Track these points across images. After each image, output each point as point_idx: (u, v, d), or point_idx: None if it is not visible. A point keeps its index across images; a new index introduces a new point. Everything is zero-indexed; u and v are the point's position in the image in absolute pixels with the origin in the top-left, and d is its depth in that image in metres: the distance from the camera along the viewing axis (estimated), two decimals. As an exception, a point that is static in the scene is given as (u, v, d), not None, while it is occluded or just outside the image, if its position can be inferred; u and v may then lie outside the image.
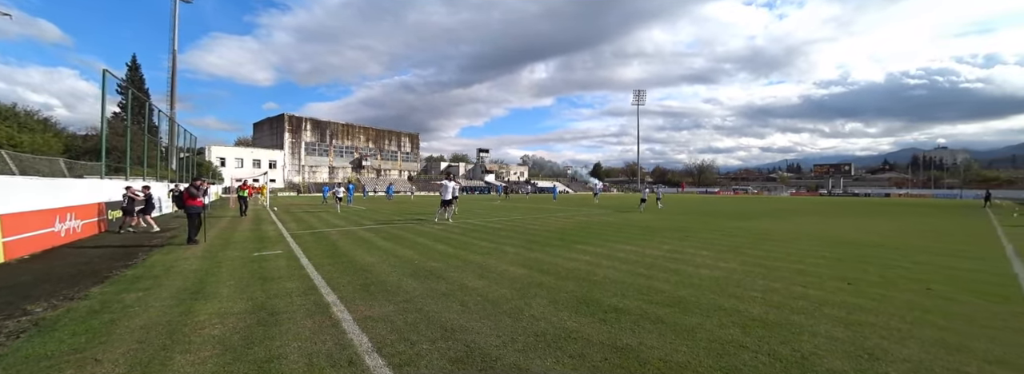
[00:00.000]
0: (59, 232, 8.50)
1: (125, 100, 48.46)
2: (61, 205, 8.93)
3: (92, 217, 10.11)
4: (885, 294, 4.34)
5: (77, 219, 9.34)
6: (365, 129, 67.02)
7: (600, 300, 4.10)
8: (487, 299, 4.16)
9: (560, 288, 4.58)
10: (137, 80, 48.42)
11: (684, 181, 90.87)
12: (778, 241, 8.55)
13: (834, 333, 3.20)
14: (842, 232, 10.42)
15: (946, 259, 6.47)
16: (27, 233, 7.26)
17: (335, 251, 7.28)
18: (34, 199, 8.71)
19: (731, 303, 3.98)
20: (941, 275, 5.29)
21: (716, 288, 4.57)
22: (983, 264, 6.09)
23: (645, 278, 5.06)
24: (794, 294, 4.33)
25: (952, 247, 7.84)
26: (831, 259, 6.41)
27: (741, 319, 3.52)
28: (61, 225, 8.63)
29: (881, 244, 8.17)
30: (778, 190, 73.29)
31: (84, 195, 10.75)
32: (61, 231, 8.56)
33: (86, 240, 9.13)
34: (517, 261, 6.23)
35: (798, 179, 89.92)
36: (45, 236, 7.90)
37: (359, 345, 3.01)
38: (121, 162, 23.15)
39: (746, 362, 2.67)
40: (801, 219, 14.86)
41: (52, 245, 8.00)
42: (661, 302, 4.03)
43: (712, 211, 19.61)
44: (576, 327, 3.33)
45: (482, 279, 5.04)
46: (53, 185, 9.98)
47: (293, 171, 56.94)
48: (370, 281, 4.95)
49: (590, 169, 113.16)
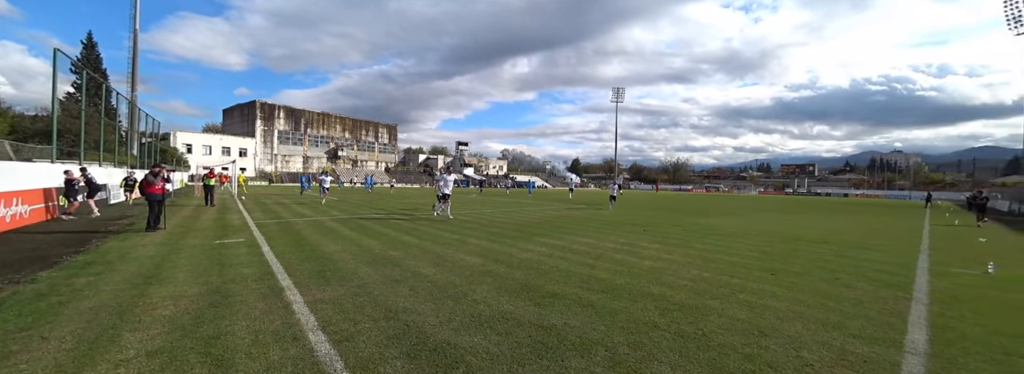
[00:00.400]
0: (3, 217, 8.21)
1: (80, 80, 45.75)
2: (5, 190, 8.60)
3: (40, 203, 9.76)
4: (798, 283, 4.85)
5: (24, 204, 9.02)
6: (341, 119, 65.53)
7: (541, 287, 4.42)
8: (436, 285, 4.42)
9: (508, 276, 4.88)
10: (93, 59, 45.69)
11: (659, 179, 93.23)
12: (727, 236, 9.14)
13: (739, 315, 3.61)
14: (790, 229, 11.17)
15: (867, 253, 7.14)
16: (-32, 218, 7.01)
17: (299, 240, 7.36)
18: (-24, 183, 8.36)
19: (660, 290, 4.38)
20: (855, 266, 5.89)
21: (652, 277, 4.97)
22: (895, 257, 6.77)
23: (590, 268, 5.43)
24: (720, 282, 4.78)
25: (878, 242, 8.61)
26: (767, 253, 6.97)
27: (663, 304, 3.90)
28: (6, 210, 8.33)
29: (820, 240, 8.86)
30: (747, 189, 76.37)
31: (32, 180, 10.31)
32: (6, 216, 8.28)
33: (35, 226, 8.84)
34: (475, 251, 6.50)
35: (767, 178, 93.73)
36: (-11, 221, 7.64)
37: (305, 324, 3.22)
38: (75, 146, 22.00)
39: (652, 338, 3.03)
40: (758, 216, 15.74)
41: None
42: (597, 289, 4.38)
43: (678, 208, 20.44)
44: (511, 310, 3.64)
45: (436, 267, 5.29)
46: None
47: (265, 160, 55.26)
48: (327, 268, 5.12)
49: (569, 165, 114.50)
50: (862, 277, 5.21)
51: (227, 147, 50.80)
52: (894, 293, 4.46)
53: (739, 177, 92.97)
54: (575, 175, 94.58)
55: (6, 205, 8.36)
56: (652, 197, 37.18)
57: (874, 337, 3.15)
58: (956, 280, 5.22)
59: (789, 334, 3.17)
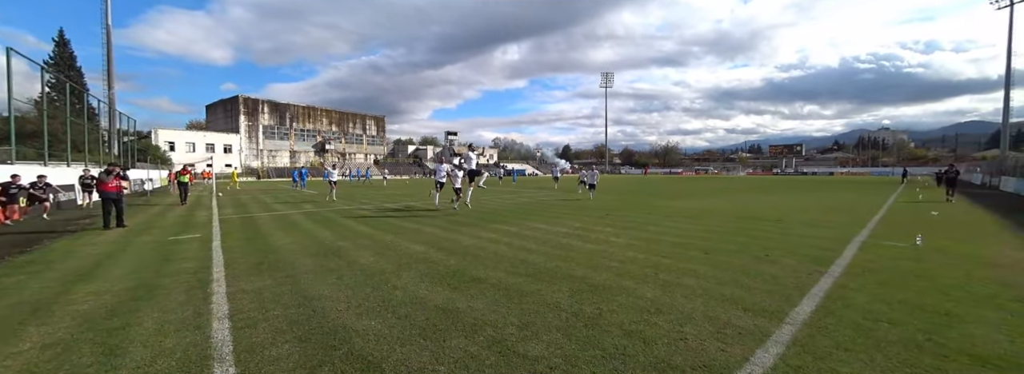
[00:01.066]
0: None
1: (53, 79, 44.61)
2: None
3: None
4: (726, 261, 4.99)
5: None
6: (328, 112, 64.70)
7: (468, 272, 4.52)
8: (365, 273, 4.50)
9: (442, 263, 4.98)
10: (66, 57, 44.54)
11: (650, 163, 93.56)
12: (686, 218, 9.30)
13: (648, 294, 3.74)
14: (754, 208, 11.37)
15: (814, 230, 7.32)
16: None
17: (255, 234, 7.41)
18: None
19: (584, 273, 4.50)
20: (794, 243, 6.05)
21: (585, 260, 5.09)
22: (838, 233, 6.95)
23: (528, 252, 5.54)
24: (649, 263, 4.91)
25: (831, 219, 8.80)
26: (716, 232, 7.12)
27: (580, 286, 4.02)
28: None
29: (776, 219, 9.04)
30: (736, 170, 76.97)
31: None
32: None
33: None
34: (425, 240, 6.59)
35: (756, 159, 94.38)
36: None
37: (215, 313, 3.30)
38: (52, 147, 21.50)
39: (546, 319, 3.14)
40: (731, 197, 15.96)
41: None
42: (522, 273, 4.49)
43: (656, 191, 20.61)
44: (424, 295, 3.74)
45: (377, 256, 5.38)
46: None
47: (251, 156, 54.70)
48: (268, 260, 5.19)
49: (559, 151, 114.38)
50: (793, 253, 5.36)
51: (211, 144, 50.16)
52: (813, 267, 4.62)
53: (729, 159, 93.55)
54: (565, 161, 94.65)
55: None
56: (637, 181, 37.40)
57: (765, 310, 3.28)
58: (881, 253, 5.39)
59: (684, 311, 3.29)
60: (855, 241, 6.23)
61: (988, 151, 59.52)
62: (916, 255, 5.26)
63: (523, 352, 2.58)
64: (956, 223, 8.42)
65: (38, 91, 31.58)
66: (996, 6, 34.58)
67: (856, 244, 6.00)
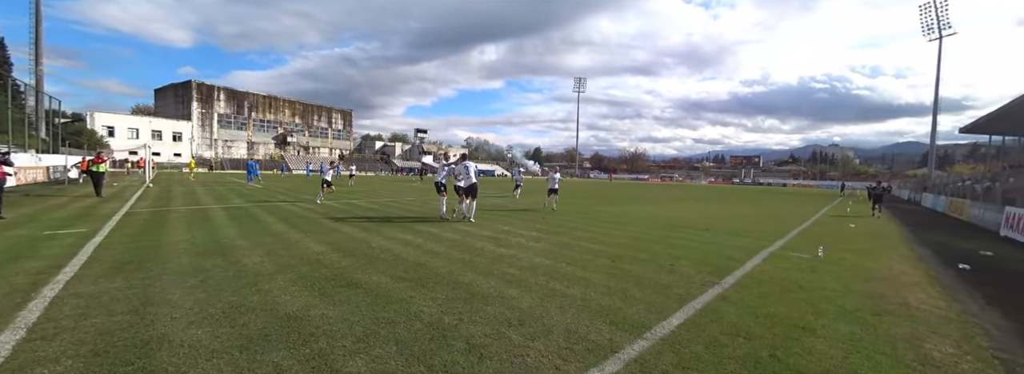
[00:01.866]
0: None
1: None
2: None
3: None
4: (627, 270, 4.94)
5: None
6: (291, 103, 62.05)
7: (350, 275, 4.24)
8: (237, 275, 4.13)
9: (331, 265, 4.66)
10: (-9, 28, 40.35)
11: (618, 168, 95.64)
12: (618, 223, 9.35)
13: (523, 304, 3.58)
14: (691, 216, 11.63)
15: (733, 239, 7.49)
16: None
17: (151, 230, 6.78)
18: None
19: (473, 279, 4.31)
20: (705, 252, 6.12)
21: (485, 266, 4.91)
22: (754, 242, 7.13)
23: (431, 256, 5.31)
24: (548, 270, 4.78)
25: (756, 229, 9.08)
26: (637, 240, 7.14)
27: (459, 293, 3.82)
28: None
29: (704, 227, 9.24)
30: (699, 178, 79.98)
31: None
32: None
33: None
34: (331, 240, 6.22)
35: (718, 169, 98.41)
36: None
37: (16, 322, 2.85)
38: None
39: (394, 330, 2.91)
40: (678, 204, 16.36)
41: None
42: (409, 278, 4.25)
43: (608, 196, 20.91)
44: (283, 301, 3.42)
45: (266, 256, 4.99)
46: None
47: (204, 145, 51.56)
48: (138, 259, 4.69)
49: (530, 153, 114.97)
50: (699, 263, 5.40)
51: (158, 131, 46.86)
52: (708, 278, 4.63)
53: (693, 168, 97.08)
54: (534, 162, 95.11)
55: None
56: (599, 185, 37.98)
57: (631, 323, 3.19)
58: (781, 264, 5.53)
59: (548, 323, 3.15)
60: (765, 252, 6.40)
61: (919, 169, 64.76)
62: (812, 266, 5.42)
63: (338, 368, 2.34)
64: (866, 236, 8.90)
65: None
66: (928, 38, 37.60)
67: (765, 254, 6.15)
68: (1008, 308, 4.04)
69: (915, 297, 4.21)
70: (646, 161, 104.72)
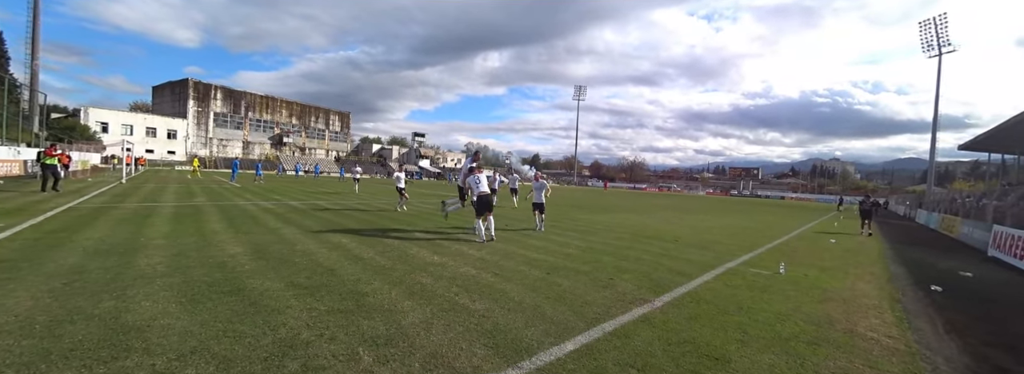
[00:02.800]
0: None
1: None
2: None
3: None
4: (557, 283, 4.50)
5: None
6: (289, 103, 62.11)
7: (239, 281, 3.82)
8: (114, 279, 3.71)
9: (231, 268, 4.25)
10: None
11: (617, 177, 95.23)
12: (582, 233, 8.91)
13: (408, 319, 3.15)
14: (666, 226, 11.17)
15: (697, 252, 7.02)
16: None
17: (74, 227, 6.39)
18: None
19: (377, 288, 3.89)
20: (656, 266, 5.67)
21: (400, 275, 4.49)
22: (716, 256, 6.66)
23: (351, 261, 4.90)
24: (467, 281, 4.36)
25: (728, 242, 8.61)
26: (590, 250, 6.70)
27: (346, 304, 3.40)
28: None
29: (675, 238, 8.78)
30: (697, 189, 79.41)
31: None
32: None
33: None
34: (256, 242, 5.81)
35: (718, 180, 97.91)
36: None
37: None
38: None
39: (233, 346, 2.48)
40: (660, 214, 15.89)
41: None
42: (304, 285, 3.84)
43: (593, 204, 20.48)
44: (139, 308, 3.02)
45: (171, 258, 4.58)
46: None
47: (199, 143, 51.45)
48: (17, 258, 4.29)
49: (528, 160, 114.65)
50: (643, 278, 4.96)
51: (152, 128, 46.79)
52: (642, 295, 4.20)
53: (692, 178, 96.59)
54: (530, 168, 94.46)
55: None
56: (590, 194, 37.49)
57: (516, 346, 2.76)
58: (735, 280, 5.08)
59: (418, 343, 2.72)
60: (724, 266, 5.94)
61: (919, 186, 64.16)
62: (766, 284, 4.97)
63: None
64: (841, 252, 8.43)
65: None
66: (928, 55, 37.39)
67: (722, 269, 5.71)
68: (969, 338, 3.60)
69: (866, 323, 3.76)
70: (645, 171, 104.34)
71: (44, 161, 12.12)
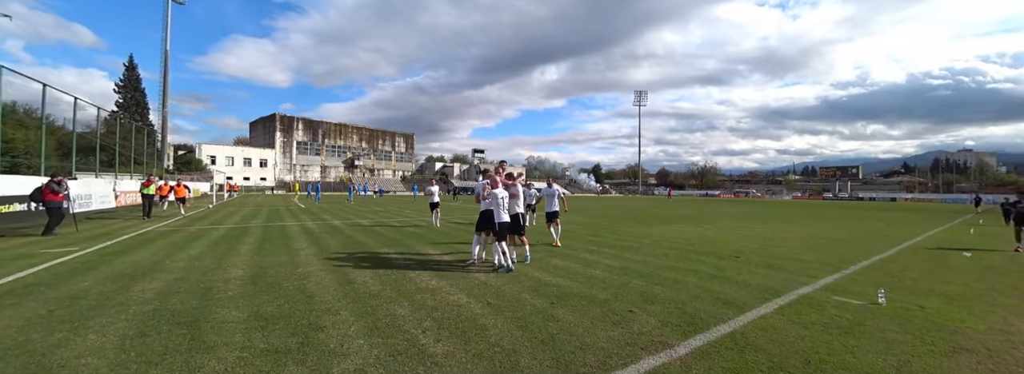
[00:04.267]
0: None
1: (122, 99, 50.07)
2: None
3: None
4: (560, 317, 3.68)
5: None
6: (358, 129, 67.67)
7: (207, 310, 3.58)
8: (94, 306, 3.69)
9: (217, 294, 4.08)
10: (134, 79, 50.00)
11: (686, 184, 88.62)
12: (623, 249, 7.78)
13: (339, 367, 2.60)
14: (730, 239, 9.50)
15: (761, 272, 5.63)
16: None
17: (130, 249, 6.95)
18: None
19: (341, 320, 3.41)
20: (701, 291, 4.52)
21: (380, 303, 3.99)
22: (786, 279, 5.23)
23: (339, 286, 4.53)
24: (447, 314, 3.72)
25: (807, 257, 6.90)
26: (619, 272, 5.68)
27: (291, 341, 2.95)
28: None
29: (737, 253, 7.29)
30: (780, 194, 70.59)
31: None
32: None
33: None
34: (264, 265, 5.75)
35: (806, 182, 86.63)
36: None
37: None
38: (114, 160, 24.05)
39: None
40: (724, 223, 13.84)
41: None
42: (267, 316, 3.48)
43: (648, 214, 18.63)
44: (88, 341, 2.89)
45: (173, 282, 4.58)
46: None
47: (285, 170, 57.81)
48: (45, 282, 4.56)
49: (589, 170, 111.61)
50: (676, 310, 3.91)
51: (248, 158, 53.64)
52: (663, 337, 3.21)
53: (774, 181, 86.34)
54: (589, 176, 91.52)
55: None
56: (647, 202, 34.71)
57: None
58: (807, 315, 3.80)
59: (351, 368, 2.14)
60: (795, 293, 4.59)
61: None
62: (855, 323, 3.63)
63: None
64: (983, 272, 6.28)
65: (106, 114, 34.83)
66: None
67: (790, 298, 4.39)
68: None
69: (1028, 394, 2.41)
70: (718, 176, 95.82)
71: (143, 191, 13.89)
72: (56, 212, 9.31)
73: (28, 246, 7.34)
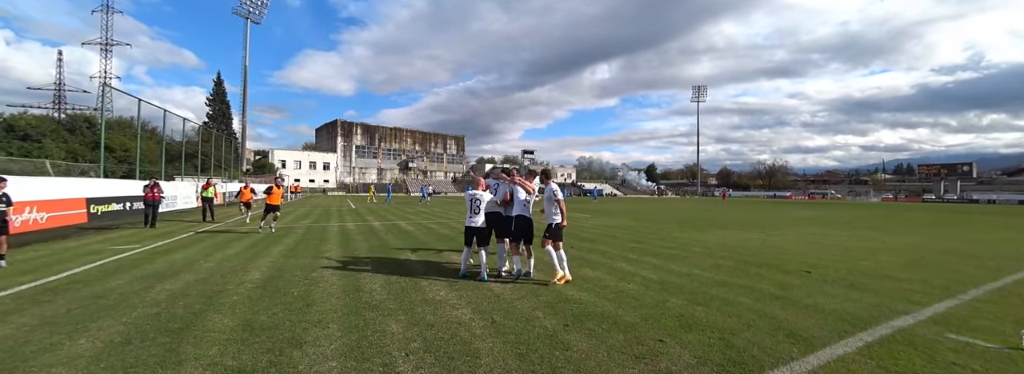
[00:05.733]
0: (13, 222, 9.85)
1: (211, 111, 56.44)
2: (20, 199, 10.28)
3: (61, 211, 11.57)
4: (573, 345, 3.09)
5: (40, 212, 10.77)
6: (412, 132, 70.52)
7: (203, 316, 3.48)
8: (116, 306, 3.75)
9: (223, 298, 4.03)
10: (221, 93, 56.25)
11: (750, 184, 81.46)
12: (668, 258, 6.86)
13: None
14: (801, 249, 8.07)
15: (839, 294, 4.55)
16: None
17: (177, 249, 7.39)
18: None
19: (325, 335, 3.10)
20: (753, 317, 3.67)
21: (370, 319, 3.66)
22: (874, 303, 4.14)
23: (345, 293, 4.28)
24: (437, 335, 3.28)
25: (908, 274, 5.56)
26: (659, 286, 4.90)
27: (256, 362, 2.68)
28: (15, 216, 9.98)
29: (808, 267, 6.09)
30: (866, 195, 62.12)
31: (48, 191, 11.71)
32: (15, 221, 9.89)
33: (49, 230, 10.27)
34: (283, 267, 5.74)
35: (901, 182, 75.72)
36: None
37: None
38: (209, 164, 27.65)
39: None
40: (794, 230, 11.99)
41: None
42: (255, 325, 3.29)
43: (703, 218, 16.89)
44: (77, 346, 2.93)
45: (192, 284, 4.65)
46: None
47: (345, 172, 61.74)
48: (81, 281, 4.83)
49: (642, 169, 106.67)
50: (721, 341, 3.15)
51: (313, 162, 58.03)
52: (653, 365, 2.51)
53: (858, 181, 76.27)
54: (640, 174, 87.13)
55: (16, 212, 10.05)
56: (707, 205, 31.81)
57: None
58: (908, 360, 2.84)
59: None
60: (888, 325, 3.56)
61: None
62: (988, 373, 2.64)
63: None
64: None
65: (198, 125, 39.36)
66: None
67: (880, 333, 3.39)
68: None
69: None
70: (789, 175, 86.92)
71: (203, 194, 13.72)
72: (153, 209, 11.51)
73: (103, 243, 8.11)
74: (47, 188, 11.86)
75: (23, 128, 29.53)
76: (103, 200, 13.67)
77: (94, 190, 13.68)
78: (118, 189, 14.67)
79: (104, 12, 57.80)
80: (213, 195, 13.76)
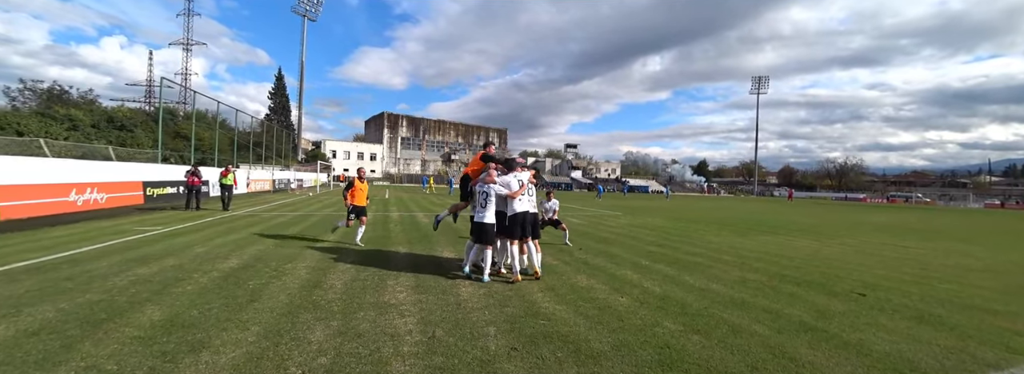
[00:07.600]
0: (76, 201, 10.89)
1: (273, 104, 60.60)
2: (80, 181, 11.33)
3: (120, 192, 12.65)
4: (494, 368, 2.48)
5: (99, 193, 11.82)
6: (455, 125, 71.47)
7: (140, 307, 3.28)
8: (78, 288, 3.70)
9: (180, 288, 3.86)
10: (281, 88, 60.24)
11: (817, 184, 73.71)
12: (694, 266, 5.92)
13: None
14: (861, 261, 6.69)
15: (901, 327, 3.50)
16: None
17: (193, 231, 7.62)
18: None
19: (237, 339, 2.75)
20: (756, 359, 2.83)
21: (320, 316, 3.27)
22: (939, 350, 3.09)
23: (301, 289, 3.95)
24: (370, 343, 2.81)
25: (1001, 306, 4.26)
26: (661, 306, 4.08)
27: (144, 333, 2.35)
28: (78, 196, 11.02)
29: (864, 288, 4.93)
30: (964, 200, 53.56)
31: (109, 174, 12.82)
32: (78, 201, 10.92)
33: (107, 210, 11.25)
34: (263, 257, 5.58)
35: (1013, 186, 64.84)
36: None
37: None
38: (269, 153, 30.09)
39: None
40: (858, 239, 10.19)
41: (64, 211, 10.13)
42: (179, 321, 3.03)
43: (753, 221, 15.02)
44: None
45: (170, 269, 4.59)
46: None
47: (390, 163, 64.05)
48: (85, 258, 4.94)
49: (692, 167, 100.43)
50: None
51: (361, 152, 60.69)
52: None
53: (954, 183, 66.05)
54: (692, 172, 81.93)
55: (78, 192, 11.10)
56: (760, 206, 28.72)
57: None
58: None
59: None
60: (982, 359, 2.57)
61: None
62: None
63: None
64: None
65: (262, 116, 41.80)
66: None
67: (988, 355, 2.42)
68: None
69: None
70: (863, 175, 77.45)
71: (222, 181, 12.36)
72: (197, 192, 12.25)
73: (135, 223, 8.59)
74: (107, 172, 13.05)
75: (120, 119, 33.46)
76: (159, 183, 14.92)
77: (151, 175, 14.97)
78: (173, 174, 16.00)
79: (186, 15, 64.04)
80: (232, 183, 12.40)
